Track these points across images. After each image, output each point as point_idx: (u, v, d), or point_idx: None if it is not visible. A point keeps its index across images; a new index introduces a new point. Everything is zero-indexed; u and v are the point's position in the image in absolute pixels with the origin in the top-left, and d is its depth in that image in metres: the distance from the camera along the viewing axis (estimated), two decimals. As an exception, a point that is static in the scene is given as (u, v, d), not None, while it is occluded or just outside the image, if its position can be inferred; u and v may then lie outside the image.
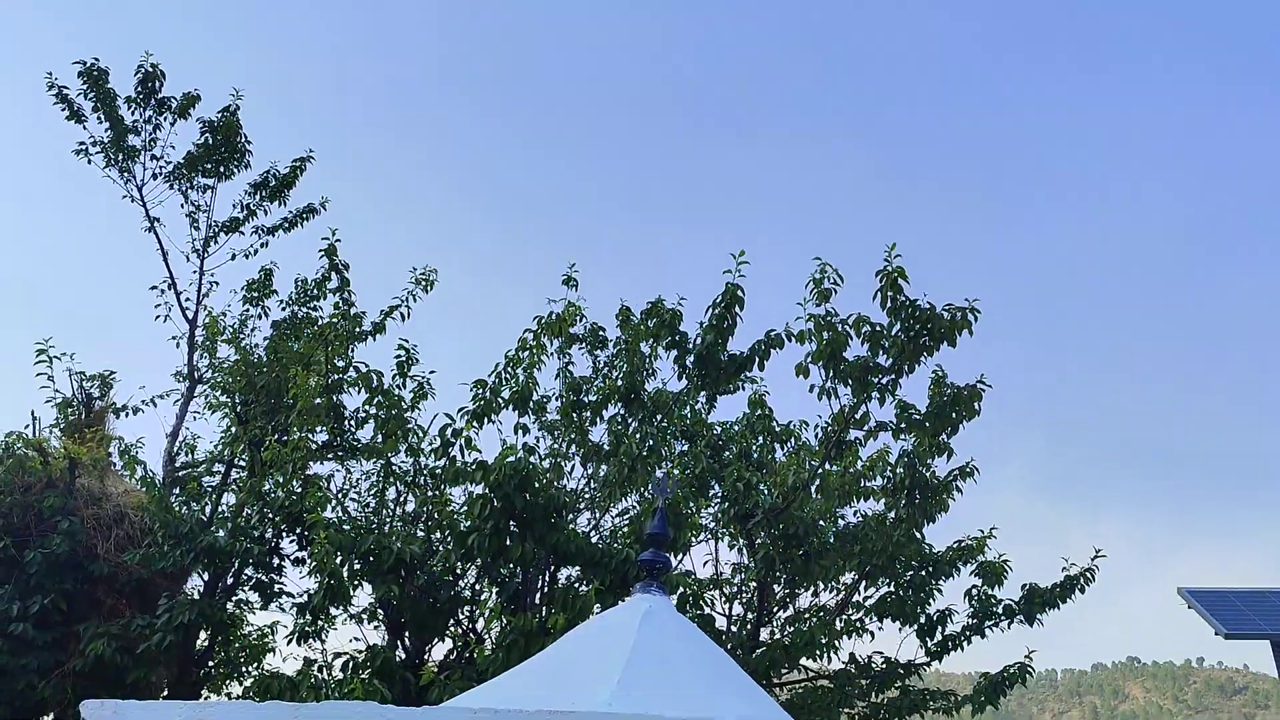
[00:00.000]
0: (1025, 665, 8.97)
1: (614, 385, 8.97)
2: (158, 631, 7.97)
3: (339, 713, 3.35)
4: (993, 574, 9.54)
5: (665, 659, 4.21)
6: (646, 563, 4.89)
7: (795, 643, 8.00)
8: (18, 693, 7.86)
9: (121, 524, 8.69)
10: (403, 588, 7.66)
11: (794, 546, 8.12)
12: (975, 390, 8.28)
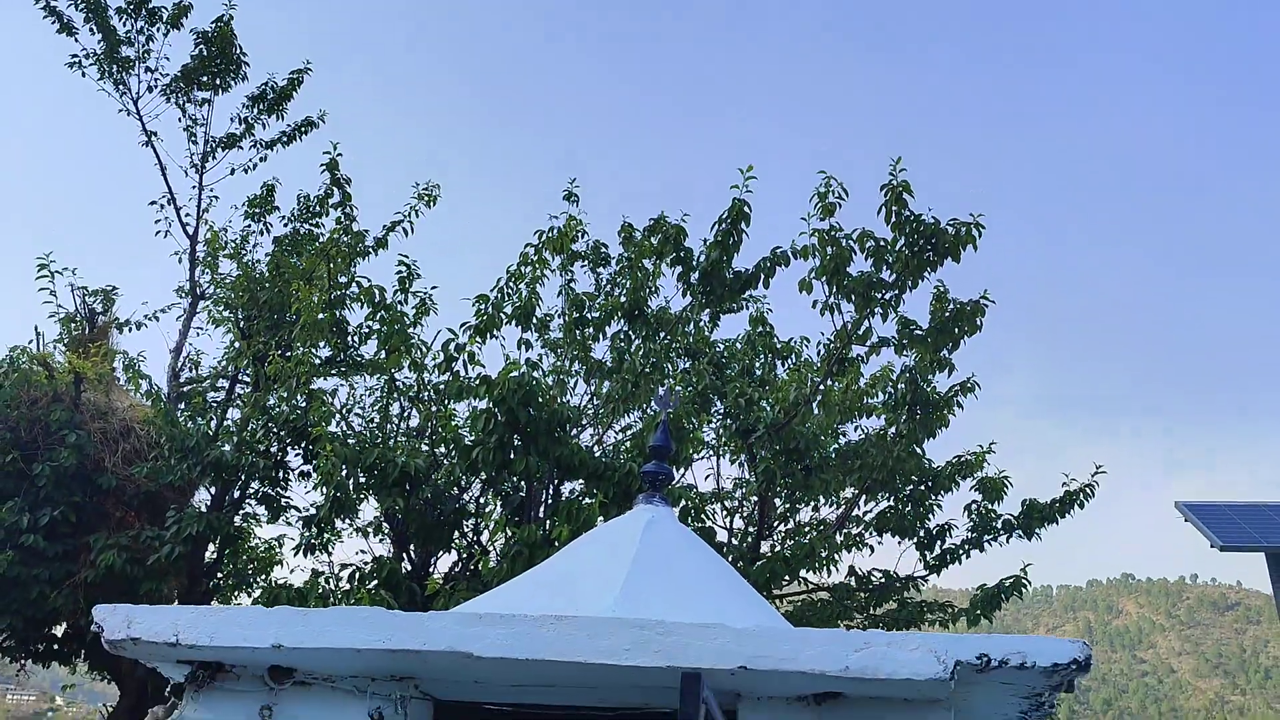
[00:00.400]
0: (1021, 578, 9.10)
1: (617, 302, 8.97)
2: (167, 543, 8.09)
3: (346, 617, 3.41)
4: (992, 489, 9.62)
5: (668, 566, 4.27)
6: (649, 474, 4.93)
7: (795, 555, 8.11)
8: (30, 602, 8.00)
9: (128, 438, 8.76)
10: (408, 501, 7.74)
11: (795, 461, 8.18)
12: (978, 306, 8.27)
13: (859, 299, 8.21)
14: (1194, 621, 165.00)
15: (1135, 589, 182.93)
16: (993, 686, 3.33)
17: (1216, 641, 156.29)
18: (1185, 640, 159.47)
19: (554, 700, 3.66)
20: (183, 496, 8.94)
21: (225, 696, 3.59)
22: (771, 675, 3.22)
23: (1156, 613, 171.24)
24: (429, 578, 8.83)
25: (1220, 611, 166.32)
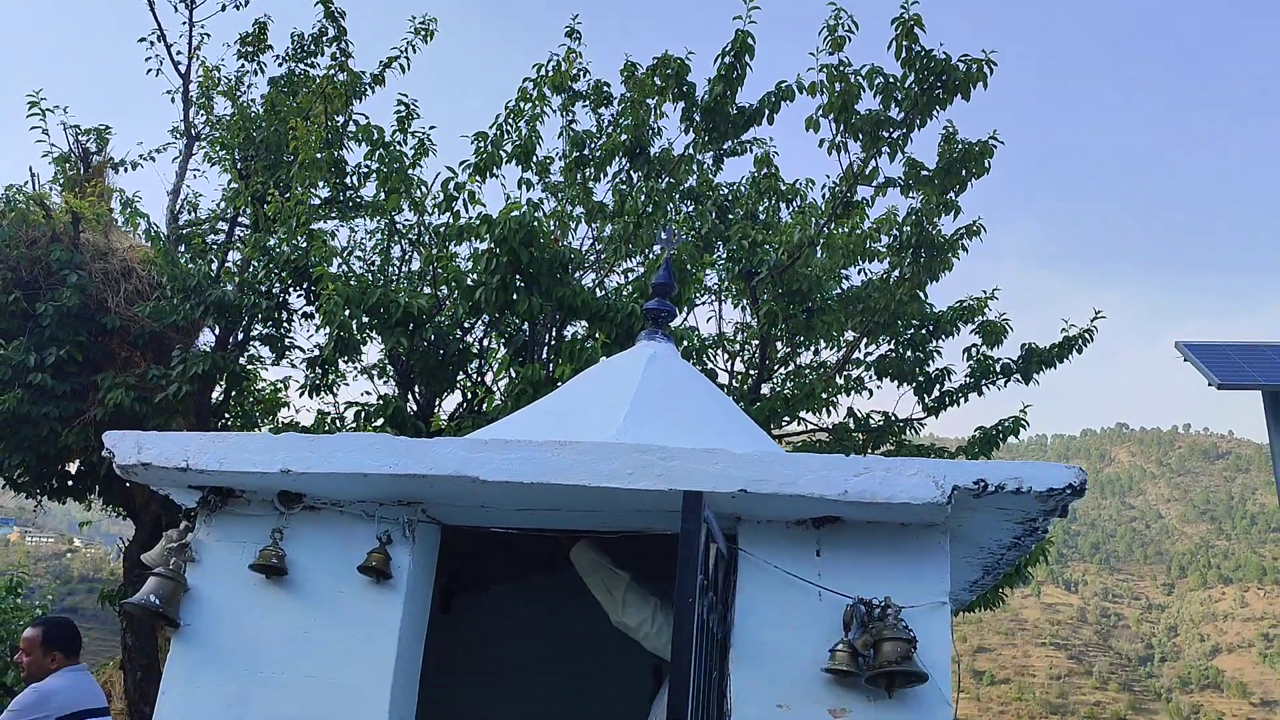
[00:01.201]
0: (1019, 418, 9.20)
1: (618, 141, 8.81)
2: (173, 382, 8.16)
3: (353, 442, 3.46)
4: (992, 333, 9.64)
5: (670, 399, 4.31)
6: (651, 311, 4.92)
7: (795, 396, 8.20)
8: (42, 439, 8.12)
9: (129, 278, 8.74)
10: (411, 341, 7.77)
11: (797, 304, 8.18)
12: (986, 146, 8.13)
13: (866, 138, 8.06)
14: (1184, 470, 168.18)
15: (1128, 438, 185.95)
16: (988, 512, 3.40)
17: (1205, 489, 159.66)
18: (1175, 488, 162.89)
19: (558, 525, 3.74)
20: (187, 337, 8.97)
21: (236, 520, 3.67)
22: (771, 499, 3.29)
23: (1148, 461, 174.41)
24: (434, 417, 8.95)
25: (1211, 460, 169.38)
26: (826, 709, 3.26)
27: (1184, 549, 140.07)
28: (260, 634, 3.51)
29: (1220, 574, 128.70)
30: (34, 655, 5.32)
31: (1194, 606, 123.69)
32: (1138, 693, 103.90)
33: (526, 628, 5.70)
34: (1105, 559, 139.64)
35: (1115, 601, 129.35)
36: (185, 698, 3.47)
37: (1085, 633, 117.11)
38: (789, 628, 3.35)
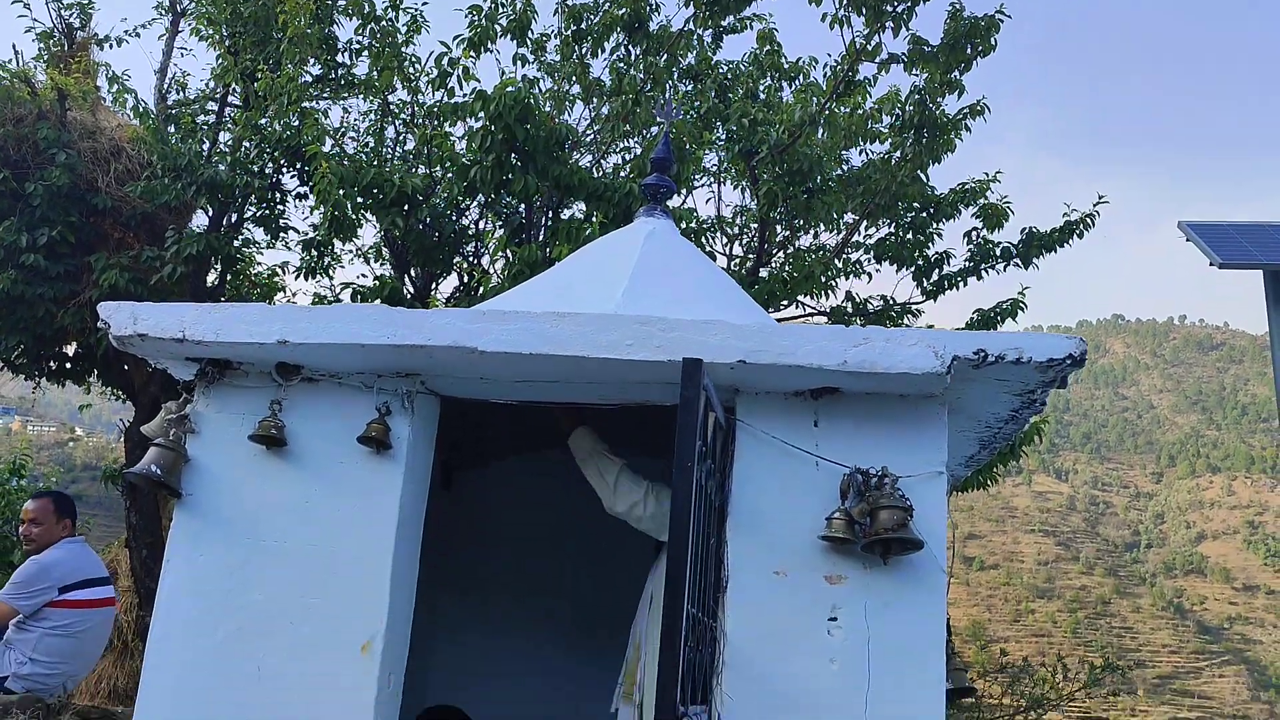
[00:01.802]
0: (1018, 301, 9.16)
1: (616, 15, 8.56)
2: (168, 263, 8.09)
3: (351, 312, 3.44)
4: (993, 216, 9.54)
5: (669, 274, 4.27)
6: (650, 186, 4.85)
7: (794, 278, 8.15)
8: (38, 320, 8.09)
9: (119, 158, 8.59)
10: (406, 222, 7.69)
11: (797, 184, 8.07)
12: (993, 21, 7.93)
13: (870, 12, 7.86)
14: (1178, 360, 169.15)
15: (1123, 329, 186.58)
16: (987, 383, 3.39)
17: (1198, 380, 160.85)
18: (1167, 378, 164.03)
19: (557, 397, 3.74)
20: (180, 219, 8.86)
21: (235, 392, 3.67)
22: (770, 370, 3.28)
23: (1142, 352, 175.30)
24: (430, 300, 8.92)
25: (1205, 351, 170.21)
26: (823, 575, 3.31)
27: (1174, 439, 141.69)
28: (261, 504, 3.53)
29: (1209, 463, 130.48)
30: (47, 523, 5.38)
31: (1181, 495, 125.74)
32: (1123, 577, 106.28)
33: (528, 501, 5.77)
34: (1096, 449, 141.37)
35: (1104, 490, 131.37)
36: (189, 565, 3.51)
37: (1074, 520, 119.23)
38: (786, 497, 3.38)
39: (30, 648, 5.16)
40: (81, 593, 5.30)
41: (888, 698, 3.19)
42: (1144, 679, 79.39)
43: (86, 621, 5.32)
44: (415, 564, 3.68)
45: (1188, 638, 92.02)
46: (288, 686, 3.36)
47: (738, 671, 3.25)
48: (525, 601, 5.62)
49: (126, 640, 8.62)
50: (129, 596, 8.91)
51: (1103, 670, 7.57)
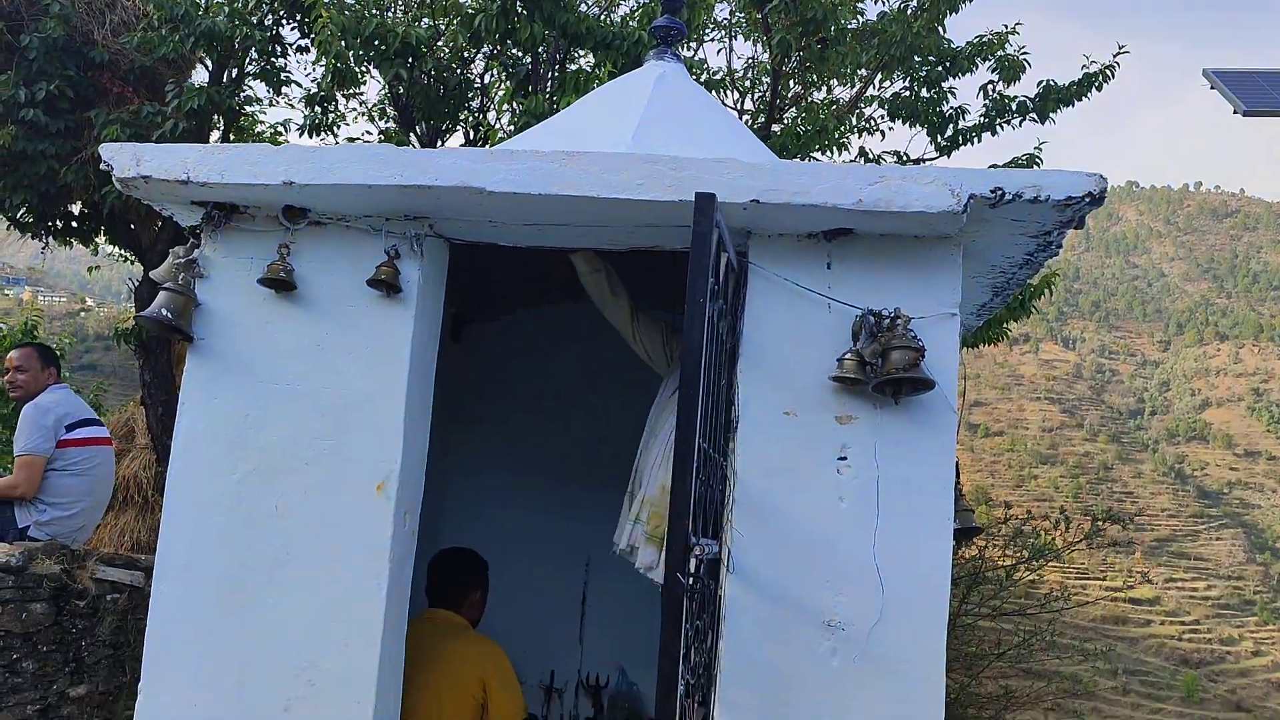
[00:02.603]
0: (1034, 155, 9.00)
1: None
2: (169, 119, 7.96)
3: (357, 153, 3.38)
4: (1011, 69, 9.30)
5: (680, 117, 4.19)
6: (660, 29, 4.71)
7: (807, 132, 8.00)
8: (41, 177, 8.01)
9: (114, 9, 8.37)
10: (410, 74, 7.52)
11: (811, 34, 7.83)
12: None
13: None
14: (1191, 228, 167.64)
15: (1137, 196, 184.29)
16: (1003, 224, 3.34)
17: (1210, 247, 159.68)
18: (1180, 246, 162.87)
19: (566, 242, 3.71)
20: (179, 73, 8.68)
21: (242, 236, 3.63)
22: (783, 210, 3.23)
23: (1155, 220, 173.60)
24: (437, 156, 8.76)
25: (1219, 219, 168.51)
26: (833, 416, 3.33)
27: (1184, 307, 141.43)
28: (273, 348, 3.54)
29: (1217, 331, 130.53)
30: (33, 370, 5.44)
31: (1188, 362, 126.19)
32: (1125, 444, 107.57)
33: (537, 351, 5.80)
34: (1105, 317, 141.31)
35: (1111, 358, 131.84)
36: (204, 409, 3.54)
37: (1079, 388, 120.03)
38: (798, 339, 3.37)
39: (44, 491, 5.26)
40: (84, 430, 5.38)
41: (896, 534, 3.24)
42: (1142, 542, 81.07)
43: (93, 459, 5.41)
44: (429, 406, 3.70)
45: (1187, 502, 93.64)
46: (305, 525, 3.42)
47: (747, 509, 3.29)
48: (535, 443, 5.70)
49: (147, 496, 8.81)
50: (146, 454, 9.07)
51: (1105, 519, 7.71)
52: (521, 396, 5.75)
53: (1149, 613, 69.19)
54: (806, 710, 3.19)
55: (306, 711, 3.34)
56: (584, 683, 5.51)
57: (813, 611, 3.23)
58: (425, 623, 4.11)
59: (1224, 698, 58.76)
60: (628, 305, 4.12)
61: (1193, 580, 76.75)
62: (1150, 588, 72.92)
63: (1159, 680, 60.32)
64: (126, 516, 8.75)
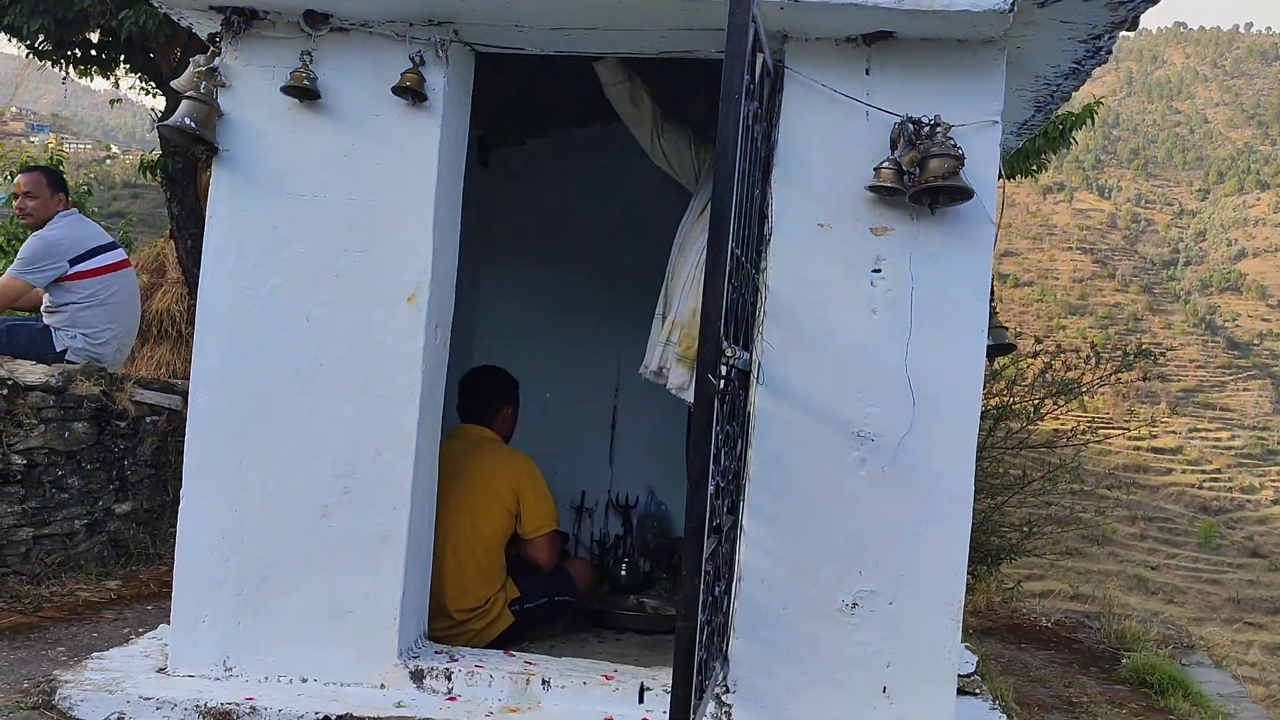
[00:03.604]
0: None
1: None
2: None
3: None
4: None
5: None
6: None
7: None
8: (59, 2, 7.80)
9: None
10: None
11: None
12: None
13: None
14: (1238, 72, 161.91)
15: (1184, 38, 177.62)
16: (1050, 26, 3.21)
17: (1257, 93, 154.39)
18: (1225, 91, 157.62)
19: (594, 48, 3.60)
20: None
21: (264, 44, 3.53)
22: (822, 8, 3.10)
23: (1202, 63, 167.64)
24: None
25: (1268, 62, 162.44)
26: (868, 227, 3.27)
27: (1225, 154, 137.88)
28: (299, 158, 3.49)
29: (1259, 179, 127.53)
30: (42, 196, 5.37)
31: (1226, 212, 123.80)
32: (1157, 294, 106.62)
33: (564, 175, 5.74)
34: (1144, 165, 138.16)
35: (1147, 207, 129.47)
36: (232, 220, 3.51)
37: (1113, 238, 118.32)
38: (834, 148, 3.28)
39: (71, 325, 5.29)
40: (94, 260, 5.34)
41: (928, 346, 3.22)
42: (1168, 392, 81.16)
43: (110, 286, 5.39)
44: (457, 218, 3.66)
45: (1216, 353, 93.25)
46: (337, 336, 3.43)
47: (778, 321, 3.27)
48: (564, 269, 5.68)
49: (180, 329, 8.91)
50: (178, 288, 9.13)
51: (1136, 356, 7.68)
52: (550, 222, 5.70)
53: (1171, 462, 69.80)
54: (834, 518, 3.24)
55: (343, 517, 3.42)
56: (614, 503, 5.62)
57: (842, 422, 3.24)
58: (458, 438, 4.18)
59: (1240, 544, 59.77)
60: (651, 114, 4.05)
61: (1217, 430, 77.06)
62: (1174, 437, 73.38)
63: (1177, 527, 61.31)
64: (161, 350, 8.87)
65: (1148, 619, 7.02)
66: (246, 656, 3.44)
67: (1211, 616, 41.16)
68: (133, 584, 5.11)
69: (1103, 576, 31.50)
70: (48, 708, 3.21)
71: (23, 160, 10.29)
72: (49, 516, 4.89)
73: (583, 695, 3.37)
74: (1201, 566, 57.29)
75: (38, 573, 4.80)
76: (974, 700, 3.79)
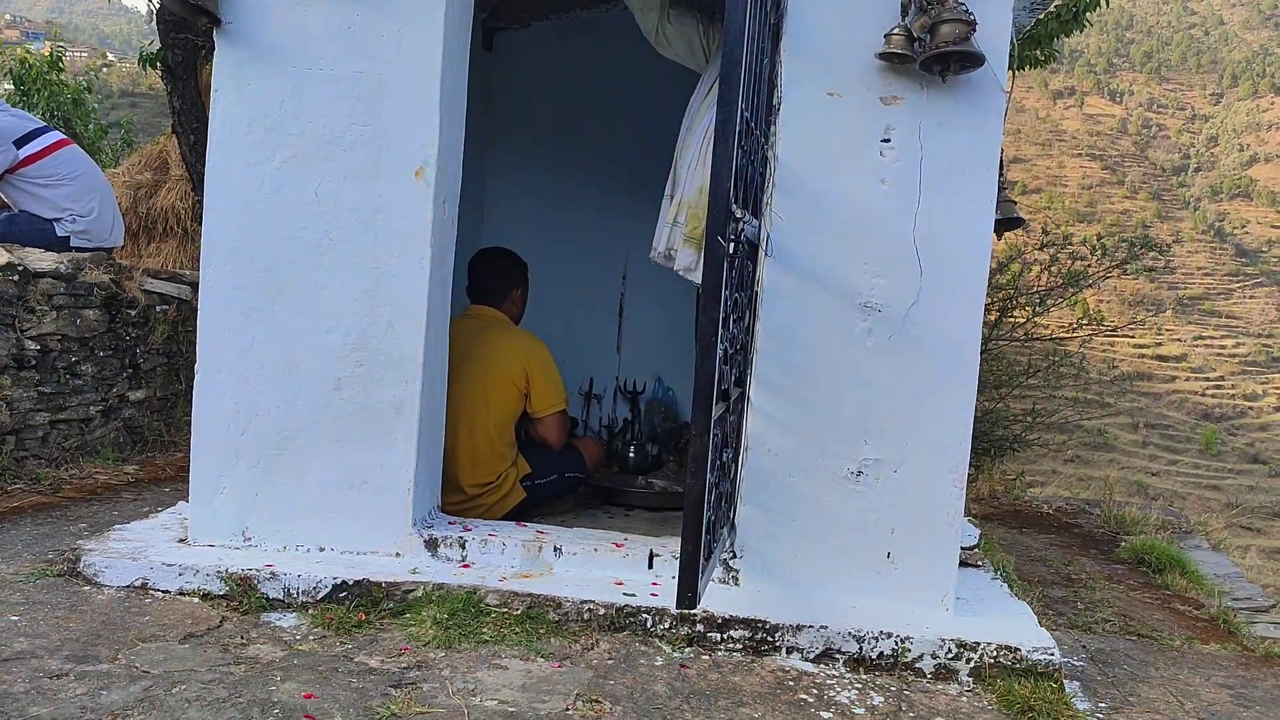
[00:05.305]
0: None
1: None
2: None
3: None
4: None
5: None
6: None
7: None
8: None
9: None
10: None
11: None
12: None
13: None
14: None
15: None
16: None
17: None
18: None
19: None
20: None
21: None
22: None
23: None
24: None
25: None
26: (878, 96, 3.25)
27: (1241, 57, 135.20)
28: (303, 30, 3.44)
29: (1274, 83, 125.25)
30: None
31: (1239, 117, 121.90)
32: (1166, 201, 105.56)
33: (569, 59, 5.67)
34: (1156, 68, 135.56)
35: (1159, 112, 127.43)
36: (239, 95, 3.49)
37: (1124, 144, 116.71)
38: (844, 14, 3.24)
39: (57, 210, 5.23)
40: (38, 141, 5.25)
41: (937, 216, 3.23)
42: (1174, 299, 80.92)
43: (67, 161, 5.29)
44: (463, 93, 3.64)
45: (1223, 260, 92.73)
46: (346, 209, 3.43)
47: (787, 191, 3.27)
48: (571, 154, 5.65)
49: (186, 226, 8.87)
50: (182, 185, 9.06)
51: (1142, 246, 7.65)
52: (556, 106, 5.65)
53: (1175, 369, 69.89)
54: (841, 388, 3.28)
55: (355, 390, 3.47)
56: (621, 389, 5.67)
57: (850, 293, 3.26)
58: (468, 318, 4.21)
59: (1241, 450, 60.20)
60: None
61: (1222, 338, 77.01)
62: (1178, 345, 73.36)
63: (1179, 434, 61.68)
64: (168, 247, 8.84)
65: (1147, 505, 7.11)
66: (265, 526, 3.52)
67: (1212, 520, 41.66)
68: (149, 469, 5.20)
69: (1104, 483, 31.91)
70: (73, 574, 3.30)
71: (20, 57, 10.17)
72: (64, 402, 4.95)
73: (594, 561, 3.45)
74: (1202, 473, 57.73)
75: (55, 456, 4.87)
76: (975, 571, 3.87)
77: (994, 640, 3.05)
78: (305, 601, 3.20)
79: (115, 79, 62.91)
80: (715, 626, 3.09)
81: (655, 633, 3.11)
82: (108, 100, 45.61)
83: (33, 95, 9.95)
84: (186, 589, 3.24)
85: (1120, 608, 4.31)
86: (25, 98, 9.93)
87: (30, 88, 10.02)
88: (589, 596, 3.18)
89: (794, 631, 3.08)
